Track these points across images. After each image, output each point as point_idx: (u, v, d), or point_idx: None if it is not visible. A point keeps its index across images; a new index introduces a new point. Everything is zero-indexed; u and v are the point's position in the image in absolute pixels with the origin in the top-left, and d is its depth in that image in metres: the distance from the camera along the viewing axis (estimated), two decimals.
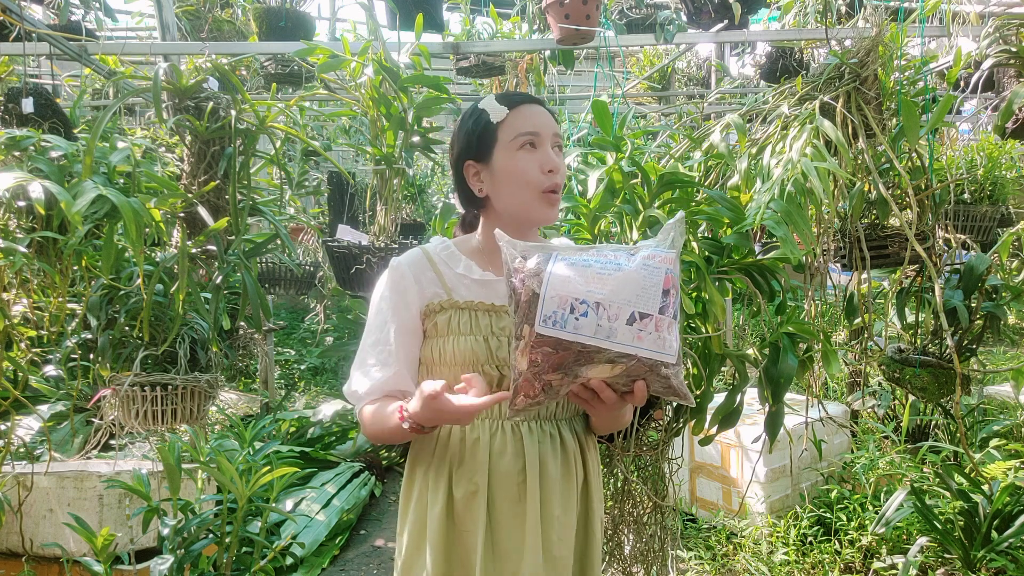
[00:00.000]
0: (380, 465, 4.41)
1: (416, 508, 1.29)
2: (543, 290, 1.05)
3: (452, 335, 1.26)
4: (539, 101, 1.33)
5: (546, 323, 1.04)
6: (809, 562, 2.88)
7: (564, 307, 1.04)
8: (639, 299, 1.03)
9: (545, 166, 1.26)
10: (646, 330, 1.03)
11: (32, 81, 2.57)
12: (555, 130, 1.29)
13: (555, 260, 1.08)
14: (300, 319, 7.25)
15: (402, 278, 1.30)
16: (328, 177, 4.28)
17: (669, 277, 1.05)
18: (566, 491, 1.27)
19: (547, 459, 1.26)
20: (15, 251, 1.82)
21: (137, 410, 2.12)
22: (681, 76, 5.54)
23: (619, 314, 1.02)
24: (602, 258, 1.08)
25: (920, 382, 2.20)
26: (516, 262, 1.10)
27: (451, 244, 1.37)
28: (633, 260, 1.07)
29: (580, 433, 1.34)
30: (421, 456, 1.30)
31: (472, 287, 1.30)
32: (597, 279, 1.05)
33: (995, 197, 2.61)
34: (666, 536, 1.99)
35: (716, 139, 1.90)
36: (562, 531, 1.26)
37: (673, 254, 1.08)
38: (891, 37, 1.93)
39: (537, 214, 1.28)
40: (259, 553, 2.21)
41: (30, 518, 2.44)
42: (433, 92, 2.31)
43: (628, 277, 1.04)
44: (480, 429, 1.25)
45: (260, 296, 2.26)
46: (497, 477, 1.23)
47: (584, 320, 1.03)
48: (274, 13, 3.56)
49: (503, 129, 1.28)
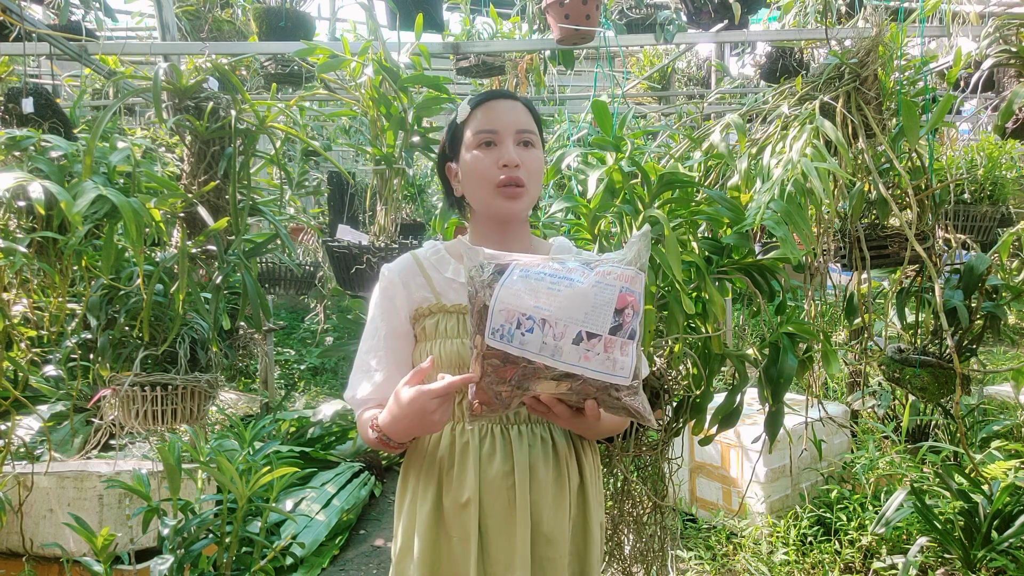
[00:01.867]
0: (380, 465, 4.41)
1: (408, 512, 1.29)
2: (492, 303, 1.03)
3: (439, 338, 1.26)
4: (508, 96, 1.31)
5: (494, 336, 1.02)
6: (809, 562, 2.88)
7: (511, 321, 1.01)
8: (587, 318, 0.99)
9: (500, 161, 1.25)
10: (593, 350, 0.99)
11: (32, 81, 2.57)
12: (520, 126, 1.27)
13: (510, 273, 1.05)
14: (300, 319, 7.25)
15: (390, 284, 1.32)
16: (328, 177, 4.28)
17: (624, 295, 1.01)
18: (558, 496, 1.26)
19: (537, 463, 1.25)
20: (15, 251, 1.82)
21: (137, 410, 2.12)
22: (681, 76, 5.54)
23: (565, 332, 0.99)
24: (558, 272, 1.04)
25: (920, 382, 2.20)
26: (474, 271, 1.09)
27: (442, 248, 1.37)
28: (588, 276, 1.03)
29: (575, 436, 1.33)
30: (413, 461, 1.31)
31: (460, 291, 1.30)
32: (546, 295, 1.01)
33: (995, 197, 2.61)
34: (666, 536, 1.99)
35: (716, 139, 1.90)
36: (553, 535, 1.24)
37: (632, 271, 1.04)
38: (891, 37, 1.93)
39: (496, 208, 1.27)
40: (259, 553, 2.21)
41: (30, 518, 2.44)
42: (433, 92, 2.31)
43: (578, 294, 1.01)
44: (470, 434, 1.25)
45: (260, 296, 2.26)
46: (486, 483, 1.23)
47: (530, 336, 1.00)
48: (274, 13, 3.56)
49: (467, 128, 1.30)
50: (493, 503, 1.23)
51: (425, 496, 1.25)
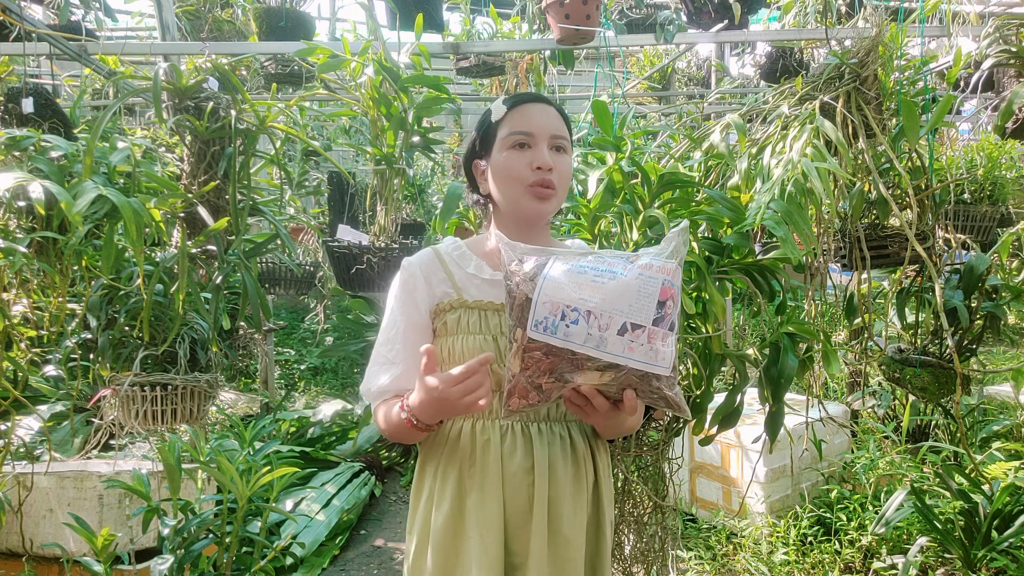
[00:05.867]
0: (380, 465, 4.41)
1: (424, 508, 1.29)
2: (536, 295, 1.05)
3: (461, 334, 1.26)
4: (545, 100, 1.33)
5: (537, 328, 1.04)
6: (809, 562, 2.88)
7: (555, 313, 1.03)
8: (632, 309, 1.01)
9: (534, 163, 1.26)
10: (637, 341, 1.01)
11: (32, 81, 2.57)
12: (555, 131, 1.29)
13: (551, 265, 1.07)
14: (300, 319, 7.25)
15: (412, 277, 1.32)
16: (328, 177, 4.27)
17: (666, 288, 1.03)
18: (576, 494, 1.27)
19: (556, 461, 1.25)
20: (15, 251, 1.82)
21: (137, 410, 2.12)
22: (681, 76, 5.55)
23: (610, 324, 1.01)
24: (599, 265, 1.06)
25: (920, 382, 2.20)
26: (513, 264, 1.10)
27: (463, 244, 1.38)
28: (630, 269, 1.05)
29: (590, 435, 1.34)
30: (431, 455, 1.31)
31: (482, 287, 1.30)
32: (591, 287, 1.03)
33: (995, 197, 2.62)
34: (666, 536, 1.99)
35: (716, 139, 1.90)
36: (571, 533, 1.25)
37: (673, 264, 1.06)
38: (891, 37, 1.93)
39: (525, 208, 1.28)
40: (259, 553, 2.21)
41: (30, 518, 2.44)
42: (433, 92, 2.31)
43: (622, 286, 1.03)
44: (491, 430, 1.25)
45: (260, 296, 2.26)
46: (507, 478, 1.23)
47: (575, 328, 1.02)
48: (274, 13, 3.56)
49: (501, 127, 1.30)
50: (513, 500, 1.23)
51: (443, 494, 1.25)
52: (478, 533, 1.22)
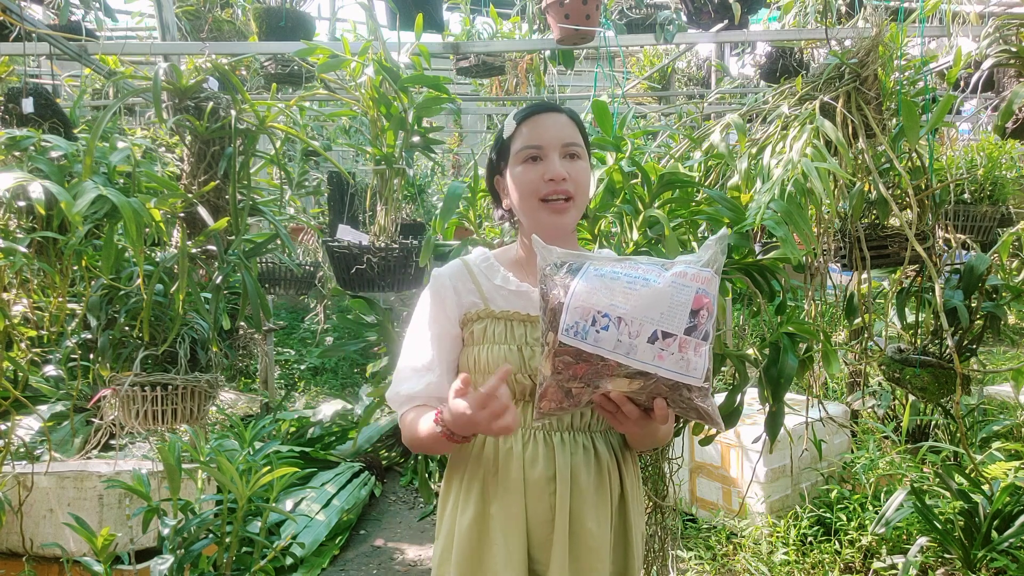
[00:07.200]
0: (380, 465, 4.41)
1: (450, 514, 1.30)
2: (567, 300, 1.05)
3: (487, 343, 1.27)
4: (553, 109, 1.33)
5: (568, 333, 1.03)
6: (809, 562, 2.88)
7: (586, 319, 1.02)
8: (663, 317, 1.01)
9: (546, 175, 1.26)
10: (668, 350, 1.00)
11: (32, 81, 2.57)
12: (566, 139, 1.28)
13: (585, 270, 1.07)
14: (300, 319, 7.25)
15: (442, 287, 1.33)
16: (328, 177, 4.27)
17: (700, 296, 1.02)
18: (600, 504, 1.26)
19: (579, 470, 1.25)
20: (15, 251, 1.82)
21: (137, 410, 2.12)
22: (681, 76, 5.55)
23: (640, 331, 1.00)
24: (633, 272, 1.05)
25: (920, 382, 2.20)
26: (548, 268, 1.10)
27: (491, 256, 1.39)
28: (663, 277, 1.04)
29: (616, 447, 1.33)
30: (457, 465, 1.32)
31: (509, 297, 1.31)
32: (623, 293, 1.03)
33: (995, 197, 2.61)
34: (666, 536, 1.99)
35: (716, 139, 1.90)
36: (594, 543, 1.24)
37: (708, 272, 1.05)
38: (891, 37, 1.93)
39: (544, 222, 1.29)
40: (259, 553, 2.21)
41: (30, 518, 2.44)
42: (433, 92, 2.31)
43: (654, 294, 1.02)
44: (513, 439, 1.25)
45: (260, 296, 2.26)
46: (528, 487, 1.24)
47: (605, 333, 1.01)
48: (274, 13, 3.56)
49: (514, 142, 1.31)
50: (535, 508, 1.23)
51: (468, 501, 1.26)
52: (503, 537, 1.22)
